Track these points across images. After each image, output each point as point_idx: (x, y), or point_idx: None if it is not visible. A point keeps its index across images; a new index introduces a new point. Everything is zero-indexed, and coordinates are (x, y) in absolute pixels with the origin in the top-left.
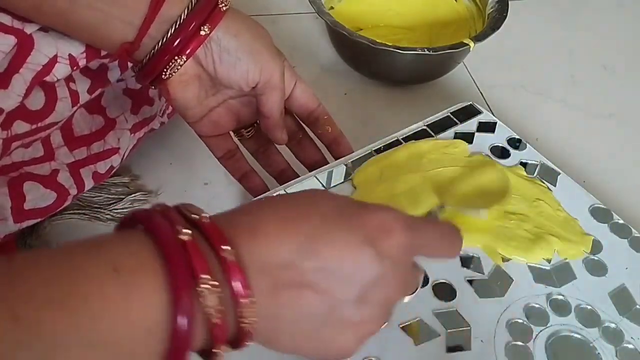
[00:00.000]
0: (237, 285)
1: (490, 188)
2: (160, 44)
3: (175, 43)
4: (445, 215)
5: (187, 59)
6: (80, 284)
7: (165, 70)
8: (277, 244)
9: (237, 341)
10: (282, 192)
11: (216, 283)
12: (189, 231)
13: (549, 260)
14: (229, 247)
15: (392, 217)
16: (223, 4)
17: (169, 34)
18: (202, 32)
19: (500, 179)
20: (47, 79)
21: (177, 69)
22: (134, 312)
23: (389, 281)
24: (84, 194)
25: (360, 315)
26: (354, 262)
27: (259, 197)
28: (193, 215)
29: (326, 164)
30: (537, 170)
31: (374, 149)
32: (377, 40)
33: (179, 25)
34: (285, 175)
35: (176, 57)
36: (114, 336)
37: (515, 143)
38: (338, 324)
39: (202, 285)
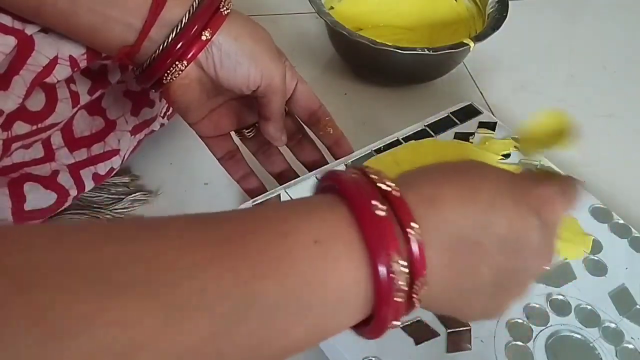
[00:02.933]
0: (418, 265)
1: None
2: (161, 47)
3: (177, 47)
4: None
5: (188, 63)
6: (292, 251)
7: (166, 74)
8: (457, 216)
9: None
10: (282, 192)
11: (405, 263)
12: (384, 207)
13: None
14: (416, 226)
15: (554, 190)
16: (224, 8)
17: (170, 38)
18: (204, 37)
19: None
20: (48, 80)
21: (178, 74)
22: (331, 282)
23: (543, 250)
24: (84, 194)
25: (520, 283)
26: (523, 232)
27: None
28: (384, 187)
29: (326, 164)
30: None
31: (374, 149)
32: (377, 40)
33: (180, 29)
34: (285, 175)
35: (177, 62)
36: (312, 303)
37: None
38: (504, 293)
39: (393, 263)
